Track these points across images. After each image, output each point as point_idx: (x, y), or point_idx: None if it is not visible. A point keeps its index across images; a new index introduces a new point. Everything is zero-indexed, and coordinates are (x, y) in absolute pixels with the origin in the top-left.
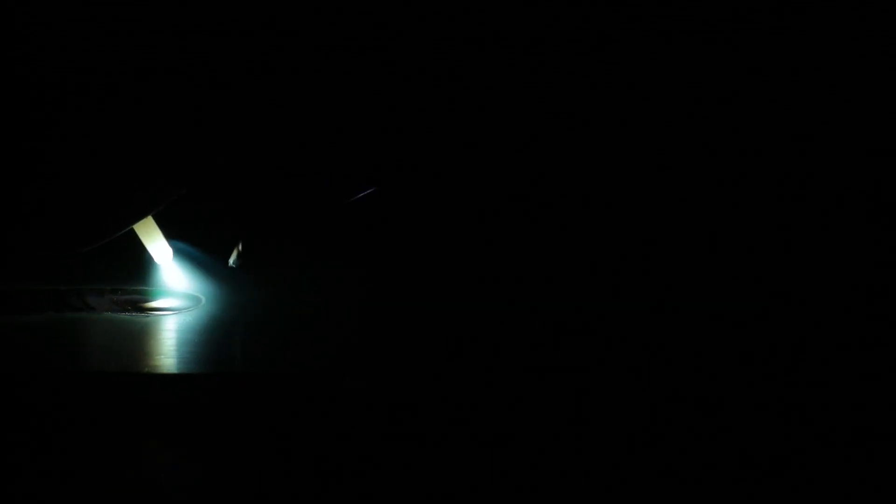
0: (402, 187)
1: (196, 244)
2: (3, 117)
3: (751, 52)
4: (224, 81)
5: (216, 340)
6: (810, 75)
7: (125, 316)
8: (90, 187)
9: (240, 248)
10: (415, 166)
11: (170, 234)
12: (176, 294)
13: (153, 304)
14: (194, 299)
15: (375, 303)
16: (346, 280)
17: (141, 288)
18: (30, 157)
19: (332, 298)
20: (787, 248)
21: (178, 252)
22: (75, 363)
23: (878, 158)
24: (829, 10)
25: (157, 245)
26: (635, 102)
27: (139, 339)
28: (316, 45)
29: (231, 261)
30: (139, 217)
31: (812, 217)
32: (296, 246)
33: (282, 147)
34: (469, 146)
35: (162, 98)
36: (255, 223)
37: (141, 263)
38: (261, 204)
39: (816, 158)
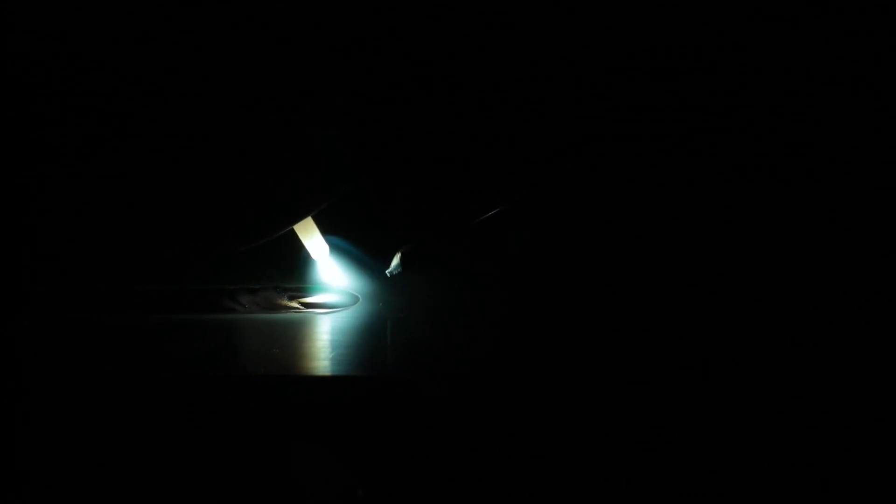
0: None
1: (355, 241)
2: (174, 122)
3: None
4: (388, 93)
5: (370, 342)
6: None
7: (280, 315)
8: (261, 184)
9: (400, 257)
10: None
11: (327, 231)
12: (333, 292)
13: (309, 301)
14: (351, 298)
15: (519, 309)
16: (497, 286)
17: (298, 286)
18: (197, 155)
19: (483, 303)
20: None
21: (336, 249)
22: (225, 365)
23: None
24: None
25: (314, 241)
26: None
27: (293, 340)
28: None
29: (389, 270)
30: (307, 213)
31: None
32: (450, 251)
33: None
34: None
35: (328, 103)
36: (417, 227)
37: (297, 261)
38: (419, 209)
39: None
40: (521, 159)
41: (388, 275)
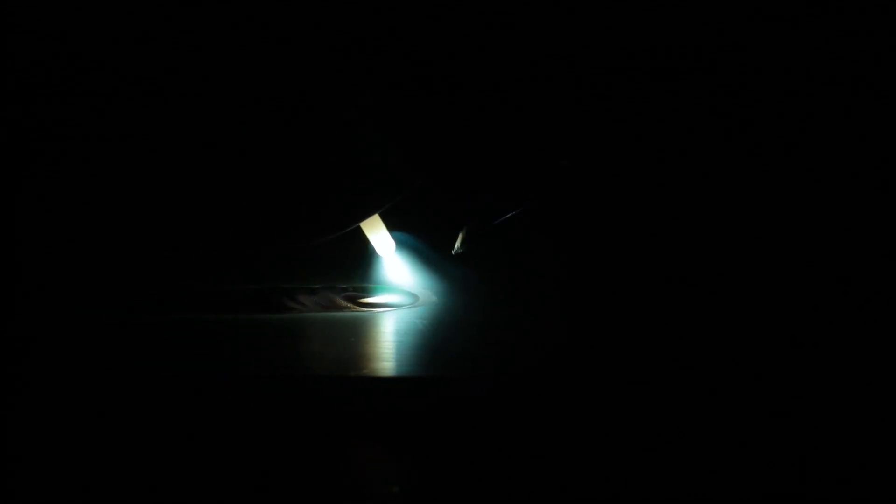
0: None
1: (419, 237)
2: (245, 119)
3: None
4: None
5: (428, 342)
6: None
7: (341, 314)
8: (334, 178)
9: (463, 235)
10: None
11: (393, 227)
12: (393, 291)
13: (370, 300)
14: (411, 297)
15: (579, 308)
16: (556, 283)
17: (359, 285)
18: (269, 151)
19: (545, 300)
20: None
21: (401, 244)
22: (287, 365)
23: None
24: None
25: (379, 237)
26: None
27: (351, 339)
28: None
29: (455, 249)
30: (379, 207)
31: None
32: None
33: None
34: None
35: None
36: (475, 217)
37: (362, 257)
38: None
39: None
40: (521, 160)
41: (454, 254)
